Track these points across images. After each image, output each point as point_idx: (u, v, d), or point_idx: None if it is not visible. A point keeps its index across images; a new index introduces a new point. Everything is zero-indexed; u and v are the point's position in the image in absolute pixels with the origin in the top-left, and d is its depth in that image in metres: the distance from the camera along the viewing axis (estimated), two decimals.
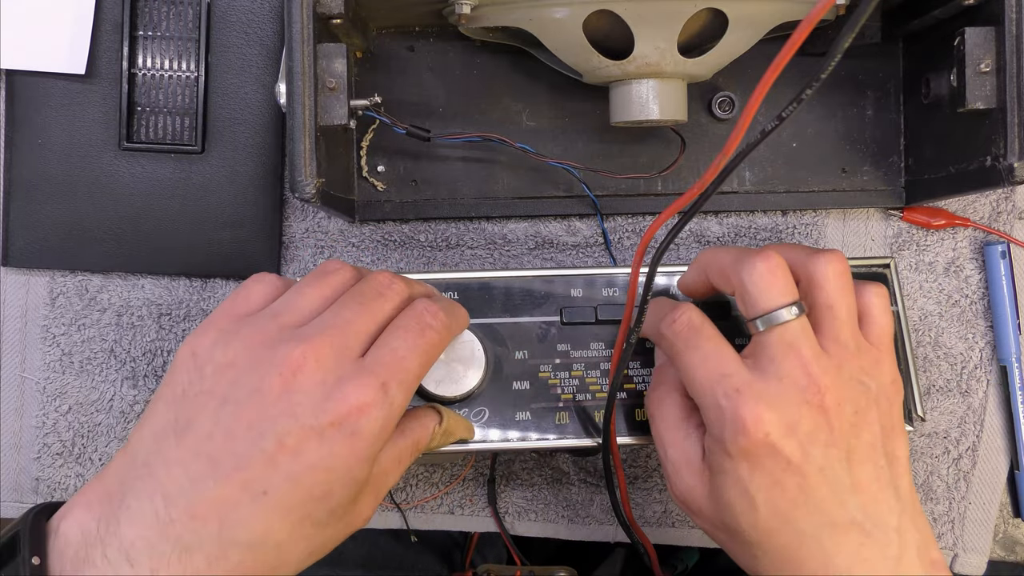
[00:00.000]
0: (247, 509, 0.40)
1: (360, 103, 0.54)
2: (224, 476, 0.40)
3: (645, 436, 0.55)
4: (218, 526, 0.39)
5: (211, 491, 0.40)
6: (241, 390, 0.41)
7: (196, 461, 0.40)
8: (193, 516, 0.39)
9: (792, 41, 0.39)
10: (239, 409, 0.41)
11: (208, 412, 0.41)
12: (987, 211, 0.65)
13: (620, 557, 0.80)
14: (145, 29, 0.62)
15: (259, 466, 0.40)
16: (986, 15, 0.53)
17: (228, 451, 0.40)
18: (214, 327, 0.44)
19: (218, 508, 0.40)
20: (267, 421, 0.40)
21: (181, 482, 0.40)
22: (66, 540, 0.40)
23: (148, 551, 0.39)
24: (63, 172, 0.62)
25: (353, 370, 0.42)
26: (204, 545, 0.39)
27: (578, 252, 0.64)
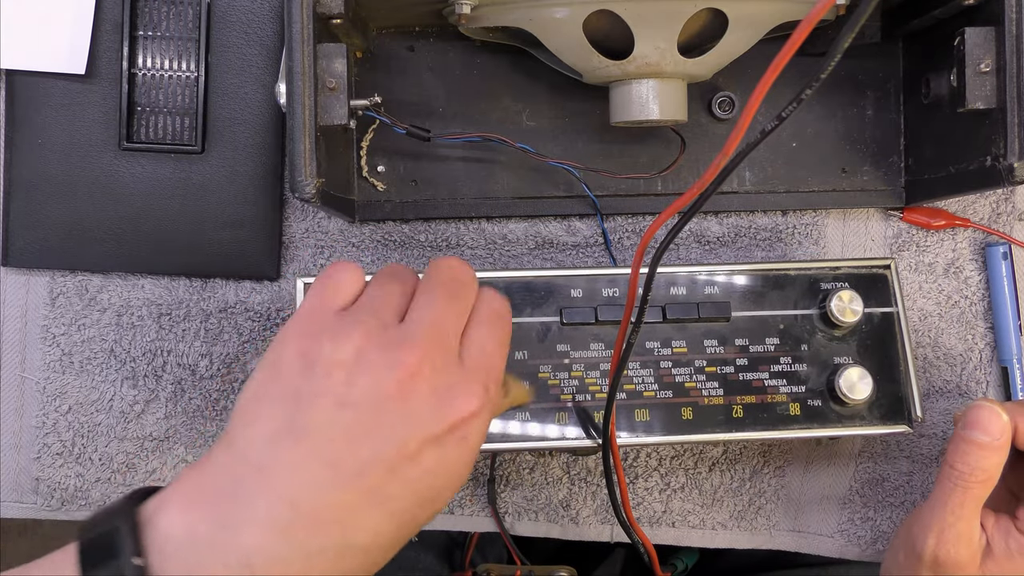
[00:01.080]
0: (366, 514, 0.40)
1: (360, 103, 0.54)
2: (346, 481, 0.39)
3: (645, 436, 0.55)
4: (341, 531, 0.39)
5: (334, 496, 0.39)
6: (358, 392, 0.40)
7: (317, 466, 0.39)
8: (317, 521, 0.39)
9: (792, 41, 0.39)
10: (358, 413, 0.40)
11: (325, 414, 0.40)
12: (987, 212, 0.65)
13: (620, 557, 0.80)
14: (145, 29, 0.62)
15: (380, 472, 0.40)
16: (986, 15, 0.53)
17: (350, 456, 0.40)
18: (315, 324, 0.43)
19: (341, 513, 0.39)
20: (387, 427, 0.40)
21: (304, 488, 0.39)
22: (167, 537, 0.38)
23: (270, 559, 0.38)
24: (63, 172, 0.62)
25: (459, 375, 0.42)
26: (326, 551, 0.39)
27: (578, 252, 0.64)
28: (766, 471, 0.65)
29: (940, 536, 0.51)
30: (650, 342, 0.56)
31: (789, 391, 0.56)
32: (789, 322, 0.57)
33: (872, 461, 0.65)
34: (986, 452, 0.51)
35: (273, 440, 0.40)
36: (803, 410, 0.56)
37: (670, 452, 0.65)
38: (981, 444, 0.51)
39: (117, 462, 0.64)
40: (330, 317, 0.43)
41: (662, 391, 0.55)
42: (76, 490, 0.64)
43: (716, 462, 0.65)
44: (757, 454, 0.65)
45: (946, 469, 0.52)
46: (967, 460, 0.51)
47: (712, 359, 0.56)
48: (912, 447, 0.65)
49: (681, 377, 0.55)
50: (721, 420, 0.55)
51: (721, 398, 0.55)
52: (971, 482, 0.51)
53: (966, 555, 0.51)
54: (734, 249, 0.65)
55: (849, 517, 0.65)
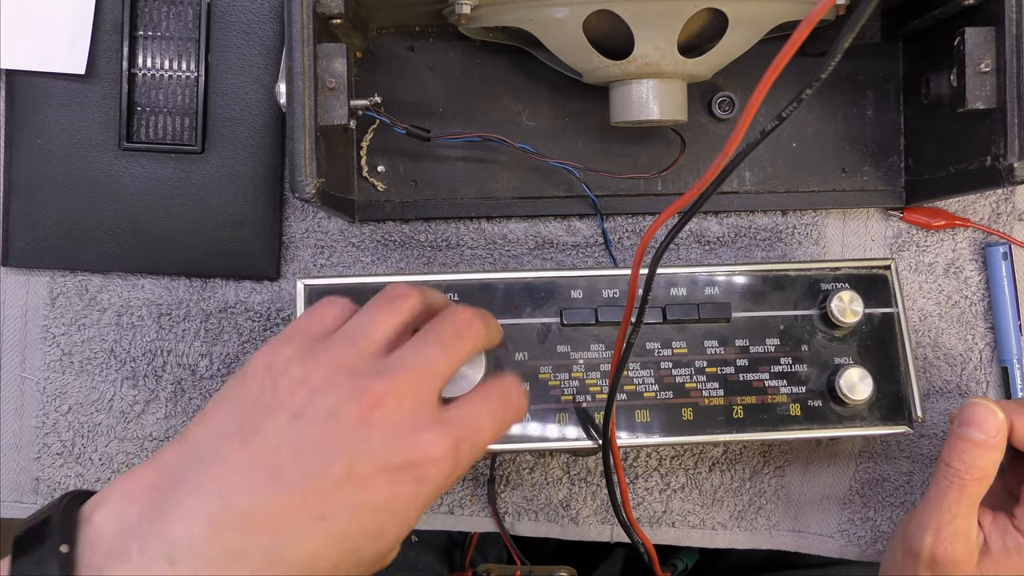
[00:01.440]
0: (302, 528, 0.39)
1: (360, 103, 0.54)
2: (286, 490, 0.39)
3: (645, 436, 0.55)
4: (271, 539, 0.38)
5: (270, 502, 0.38)
6: (316, 410, 0.40)
7: (259, 469, 0.39)
8: (248, 523, 0.38)
9: (792, 41, 0.39)
10: (311, 428, 0.40)
11: (278, 423, 0.40)
12: (987, 212, 0.65)
13: (620, 557, 0.80)
14: (145, 29, 0.62)
15: (323, 488, 0.39)
16: (986, 15, 0.53)
17: (294, 466, 0.39)
18: (290, 343, 0.43)
19: (274, 520, 0.38)
20: (339, 446, 0.39)
21: (240, 487, 0.38)
22: (100, 530, 0.38)
23: (193, 552, 0.37)
24: (63, 172, 0.62)
25: (430, 419, 0.41)
26: (252, 555, 0.38)
27: (578, 252, 0.64)
28: (766, 471, 0.65)
29: (937, 534, 0.51)
30: (650, 343, 0.56)
31: (789, 391, 0.56)
32: (789, 322, 0.57)
33: (872, 461, 0.65)
34: (982, 450, 0.51)
35: (221, 439, 0.40)
36: (803, 410, 0.56)
37: (670, 452, 0.65)
38: (977, 442, 0.51)
39: (117, 462, 0.64)
40: (308, 339, 0.43)
41: (662, 392, 0.55)
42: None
43: (716, 462, 0.65)
44: (757, 454, 0.65)
45: (942, 467, 0.52)
46: (963, 458, 0.51)
47: (712, 360, 0.56)
48: (912, 447, 0.65)
49: (681, 378, 0.55)
50: (721, 421, 0.55)
51: (721, 399, 0.55)
52: (967, 480, 0.51)
53: (963, 553, 0.51)
54: (734, 249, 0.65)
55: (849, 517, 0.65)
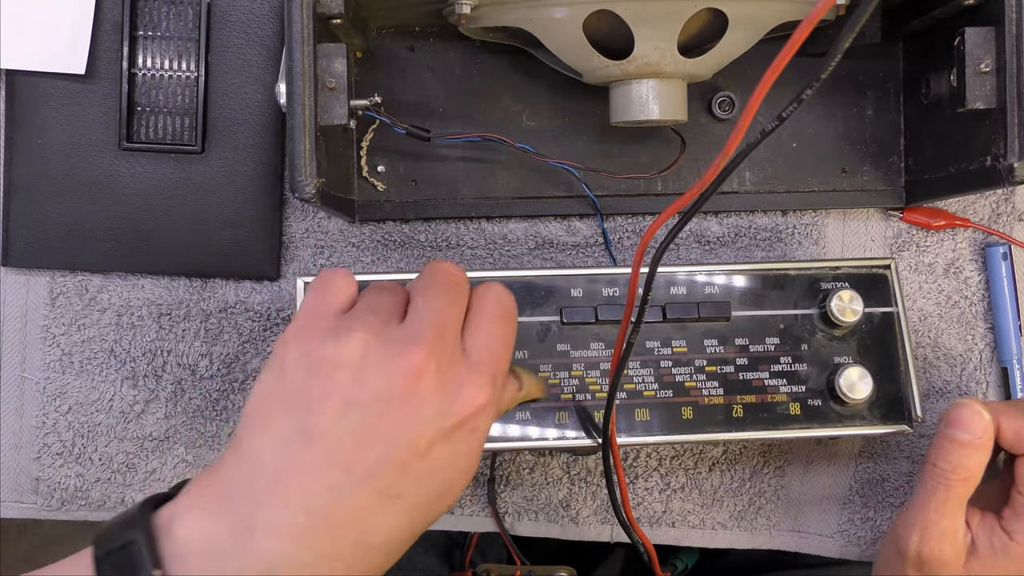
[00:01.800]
0: (382, 513, 0.40)
1: (360, 103, 0.54)
2: (360, 483, 0.40)
3: (645, 436, 0.55)
4: (357, 533, 0.40)
5: (349, 499, 0.40)
6: (365, 392, 0.41)
7: (330, 470, 0.40)
8: (333, 525, 0.39)
9: (792, 41, 0.39)
10: (366, 414, 0.40)
11: (334, 417, 0.40)
12: (987, 212, 0.65)
13: (620, 557, 0.80)
14: (145, 29, 0.62)
15: (393, 472, 0.40)
16: (986, 15, 0.53)
17: (361, 458, 0.40)
18: (317, 325, 0.43)
19: (356, 515, 0.40)
20: (397, 427, 0.40)
21: (319, 492, 0.39)
22: (187, 547, 0.39)
23: (288, 563, 0.39)
24: (63, 172, 0.62)
25: (465, 370, 0.43)
26: (344, 553, 0.39)
27: (578, 252, 0.64)
28: (766, 471, 0.65)
29: (924, 534, 0.52)
30: (650, 342, 0.56)
31: (789, 391, 0.56)
32: (789, 322, 0.57)
33: (872, 461, 0.65)
34: (968, 451, 0.51)
35: (284, 445, 0.40)
36: (803, 410, 0.56)
37: (670, 452, 0.65)
38: (963, 443, 0.51)
39: (117, 462, 0.64)
40: (330, 317, 0.43)
41: (662, 391, 0.55)
42: (76, 490, 0.64)
43: (716, 462, 0.65)
44: (757, 454, 0.65)
45: (929, 467, 0.52)
46: (949, 459, 0.51)
47: (712, 359, 0.56)
48: (912, 447, 0.65)
49: (681, 377, 0.55)
50: (721, 420, 0.55)
51: (721, 398, 0.55)
52: (953, 480, 0.51)
53: (950, 553, 0.51)
54: (734, 249, 0.65)
55: (849, 517, 0.65)
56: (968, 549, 0.52)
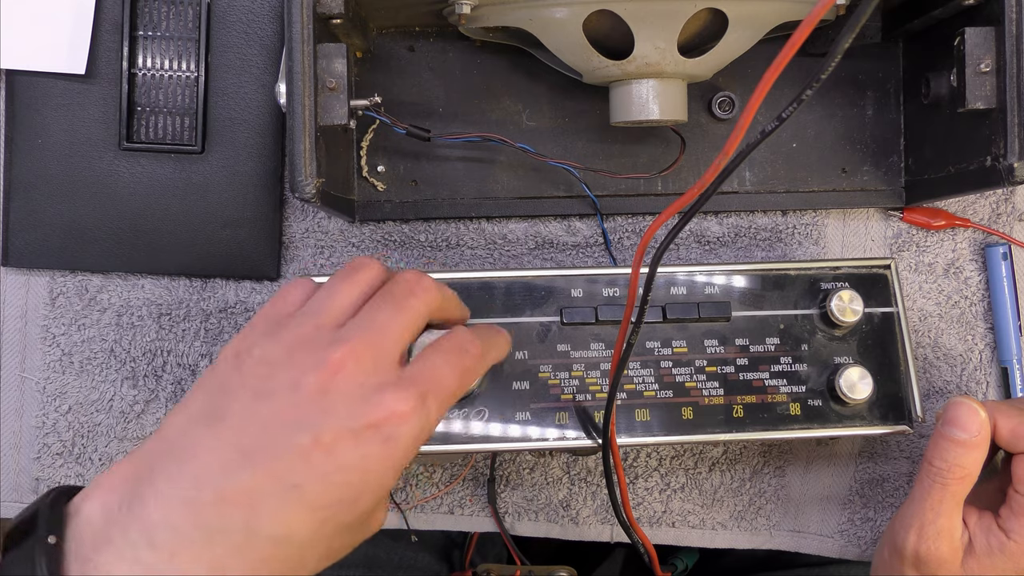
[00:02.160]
0: (276, 501, 0.39)
1: (360, 103, 0.54)
2: (256, 466, 0.40)
3: (645, 436, 0.55)
4: (246, 515, 0.39)
5: (242, 480, 0.39)
6: (278, 385, 0.41)
7: (228, 450, 0.40)
8: (222, 501, 0.39)
9: (792, 41, 0.39)
10: (275, 404, 0.41)
11: (243, 403, 0.41)
12: (987, 212, 0.65)
13: (620, 557, 0.80)
14: (145, 29, 0.62)
15: (292, 459, 0.40)
16: (986, 15, 0.53)
17: (261, 443, 0.40)
18: (255, 329, 0.45)
19: (248, 497, 0.39)
20: (303, 417, 0.41)
21: (212, 468, 0.40)
22: (87, 520, 0.39)
23: (172, 533, 0.38)
24: (63, 172, 0.62)
25: (393, 378, 0.42)
26: (230, 533, 0.39)
27: (578, 252, 0.64)
28: (766, 471, 0.65)
29: (920, 533, 0.52)
30: (650, 342, 0.56)
31: (789, 391, 0.56)
32: (789, 322, 0.57)
33: (872, 461, 0.65)
34: (964, 449, 0.51)
35: (191, 424, 0.41)
36: (803, 410, 0.56)
37: (670, 452, 0.65)
38: (959, 441, 0.51)
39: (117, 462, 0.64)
40: (267, 323, 0.45)
41: (662, 391, 0.55)
42: None
43: (716, 462, 0.65)
44: (757, 454, 0.65)
45: (925, 466, 0.52)
46: (945, 457, 0.51)
47: (712, 359, 0.56)
48: (912, 447, 0.65)
49: (681, 377, 0.55)
50: (721, 420, 0.55)
51: (721, 398, 0.55)
52: (949, 479, 0.51)
53: (947, 552, 0.52)
54: (734, 249, 0.65)
55: (849, 517, 0.65)
56: (965, 548, 0.52)
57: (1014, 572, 0.52)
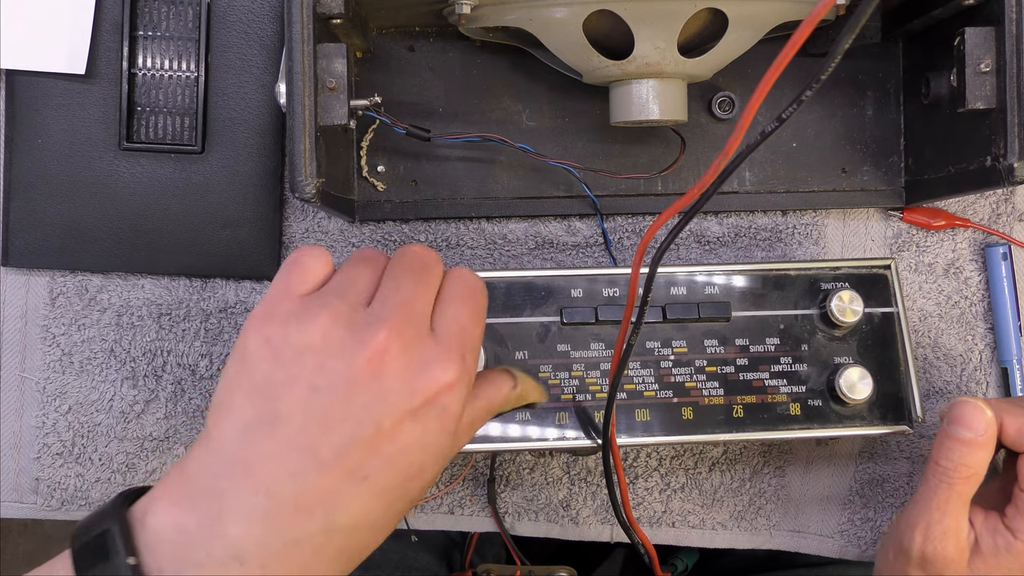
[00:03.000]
0: (349, 495, 0.40)
1: (360, 103, 0.54)
2: (325, 466, 0.40)
3: (645, 436, 0.55)
4: (323, 516, 0.40)
5: (314, 483, 0.39)
6: (329, 376, 0.40)
7: (293, 454, 0.40)
8: (298, 508, 0.39)
9: (792, 41, 0.39)
10: (330, 398, 0.40)
11: (297, 402, 0.40)
12: (987, 212, 0.65)
13: (620, 557, 0.80)
14: (145, 29, 0.62)
15: (359, 453, 0.40)
16: (986, 15, 0.53)
17: (325, 441, 0.40)
18: (280, 310, 0.42)
19: (322, 498, 0.40)
20: (362, 408, 0.40)
21: (281, 476, 0.39)
22: (158, 536, 0.39)
23: (256, 548, 0.39)
24: (63, 172, 0.62)
25: (432, 348, 0.42)
26: (311, 536, 0.39)
27: (578, 252, 0.64)
28: (766, 471, 0.65)
29: (927, 533, 0.52)
30: (650, 342, 0.56)
31: (789, 391, 0.56)
32: (789, 322, 0.57)
33: (872, 461, 0.65)
34: (970, 448, 0.51)
35: (247, 431, 0.40)
36: (803, 410, 0.56)
37: (670, 452, 0.65)
38: (965, 440, 0.51)
39: (117, 462, 0.64)
40: (295, 301, 0.43)
41: (662, 391, 0.55)
42: (76, 490, 0.64)
43: (716, 462, 0.65)
44: (757, 454, 0.65)
45: (931, 466, 0.52)
46: (951, 456, 0.51)
47: (712, 359, 0.56)
48: (912, 447, 0.65)
49: (681, 377, 0.56)
50: (721, 420, 0.55)
51: (721, 398, 0.55)
52: (956, 479, 0.51)
53: (953, 552, 0.51)
54: (734, 249, 0.65)
55: (849, 517, 0.65)
56: (972, 548, 0.52)
57: (1021, 572, 0.52)
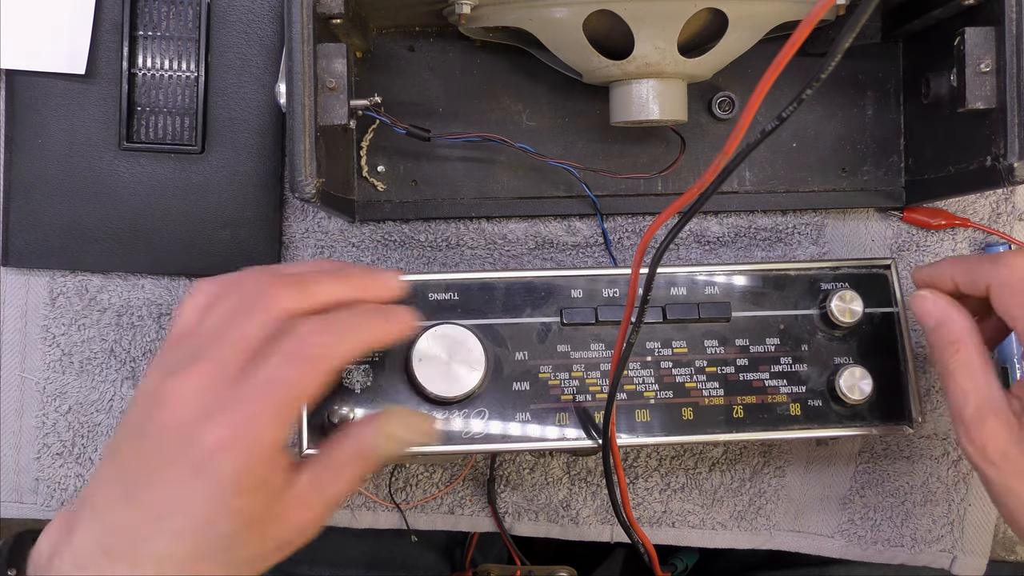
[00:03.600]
0: (149, 530, 0.41)
1: (360, 103, 0.54)
2: (129, 500, 0.42)
3: (645, 436, 0.55)
4: (130, 540, 0.42)
5: (121, 512, 0.42)
6: (146, 420, 0.43)
7: (112, 486, 0.43)
8: (111, 530, 0.42)
9: (792, 41, 0.39)
10: (142, 441, 0.43)
11: (127, 441, 0.44)
12: (987, 212, 0.65)
13: (620, 557, 0.80)
14: (145, 29, 0.62)
15: (155, 494, 0.42)
16: (986, 15, 0.53)
17: (133, 479, 0.42)
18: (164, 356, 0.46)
19: (127, 527, 0.42)
20: (159, 454, 0.42)
21: (101, 503, 0.43)
22: (39, 552, 0.44)
23: (88, 556, 0.42)
24: (63, 172, 0.62)
25: (223, 403, 0.42)
26: (125, 554, 0.42)
27: (578, 252, 0.64)
28: (766, 471, 0.65)
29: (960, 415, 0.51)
30: (650, 342, 0.56)
31: (789, 391, 0.56)
32: (789, 322, 0.57)
33: (872, 461, 0.65)
34: (945, 328, 0.51)
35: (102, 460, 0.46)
36: (803, 410, 0.56)
37: (670, 452, 0.65)
38: (937, 327, 0.51)
39: None
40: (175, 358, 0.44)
41: (662, 391, 0.55)
42: (76, 490, 0.64)
43: (716, 462, 0.65)
44: (757, 454, 0.65)
45: (938, 368, 0.52)
46: (934, 344, 0.52)
47: (712, 359, 0.56)
48: (912, 447, 0.65)
49: (681, 377, 0.55)
50: (721, 420, 0.55)
51: (721, 398, 0.55)
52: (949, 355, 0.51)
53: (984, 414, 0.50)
54: (734, 249, 0.65)
55: (849, 517, 0.65)
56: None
57: None
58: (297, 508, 0.44)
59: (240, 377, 0.42)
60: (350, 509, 0.64)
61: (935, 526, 0.65)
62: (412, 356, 0.53)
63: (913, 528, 0.65)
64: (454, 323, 0.54)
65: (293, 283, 0.45)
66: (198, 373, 0.42)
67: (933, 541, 0.65)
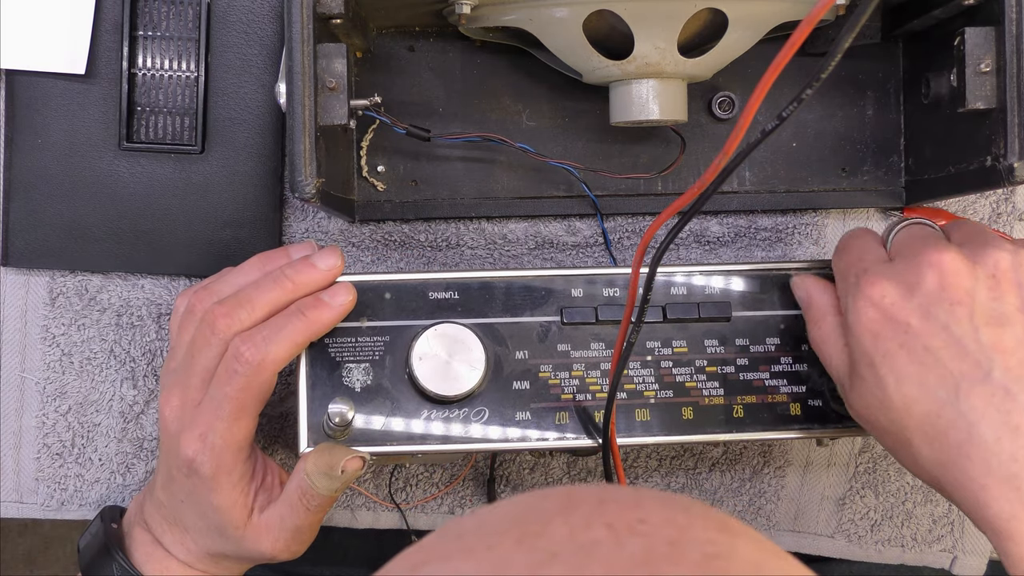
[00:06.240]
0: (176, 509, 0.55)
1: (360, 103, 0.54)
2: (164, 489, 0.55)
3: (645, 436, 0.55)
4: (172, 515, 0.55)
5: (161, 495, 0.56)
6: (160, 426, 0.55)
7: (159, 472, 0.56)
8: (159, 505, 0.56)
9: (792, 41, 0.39)
10: (162, 441, 0.55)
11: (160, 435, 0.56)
12: (987, 212, 0.65)
13: None
14: (145, 29, 0.62)
15: (175, 486, 0.54)
16: (986, 15, 0.53)
17: (164, 472, 0.55)
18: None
19: (167, 506, 0.56)
20: (166, 456, 0.54)
21: (154, 484, 0.57)
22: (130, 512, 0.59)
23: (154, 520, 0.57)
24: (63, 172, 0.62)
25: (187, 421, 0.52)
26: (172, 526, 0.56)
27: (578, 252, 0.64)
28: (766, 471, 0.65)
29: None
30: (650, 342, 0.56)
31: (789, 391, 0.56)
32: (789, 322, 0.56)
33: (872, 461, 0.65)
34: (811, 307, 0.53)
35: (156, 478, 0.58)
36: (803, 410, 0.56)
37: (670, 452, 0.65)
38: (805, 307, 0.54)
39: (116, 462, 0.64)
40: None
41: (662, 391, 0.55)
42: (76, 490, 0.64)
43: (716, 462, 0.65)
44: (757, 454, 0.65)
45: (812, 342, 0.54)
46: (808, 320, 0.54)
47: (712, 359, 0.56)
48: None
49: (681, 377, 0.55)
50: (721, 420, 0.55)
51: (721, 398, 0.55)
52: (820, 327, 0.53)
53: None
54: (734, 249, 0.65)
55: (849, 517, 0.65)
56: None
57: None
58: (266, 532, 0.54)
59: (199, 399, 0.52)
60: (350, 509, 0.64)
61: (935, 526, 0.65)
62: (412, 355, 0.53)
63: (913, 528, 0.65)
64: (454, 322, 0.54)
65: (235, 306, 0.52)
66: (174, 397, 0.53)
67: (933, 541, 0.65)
